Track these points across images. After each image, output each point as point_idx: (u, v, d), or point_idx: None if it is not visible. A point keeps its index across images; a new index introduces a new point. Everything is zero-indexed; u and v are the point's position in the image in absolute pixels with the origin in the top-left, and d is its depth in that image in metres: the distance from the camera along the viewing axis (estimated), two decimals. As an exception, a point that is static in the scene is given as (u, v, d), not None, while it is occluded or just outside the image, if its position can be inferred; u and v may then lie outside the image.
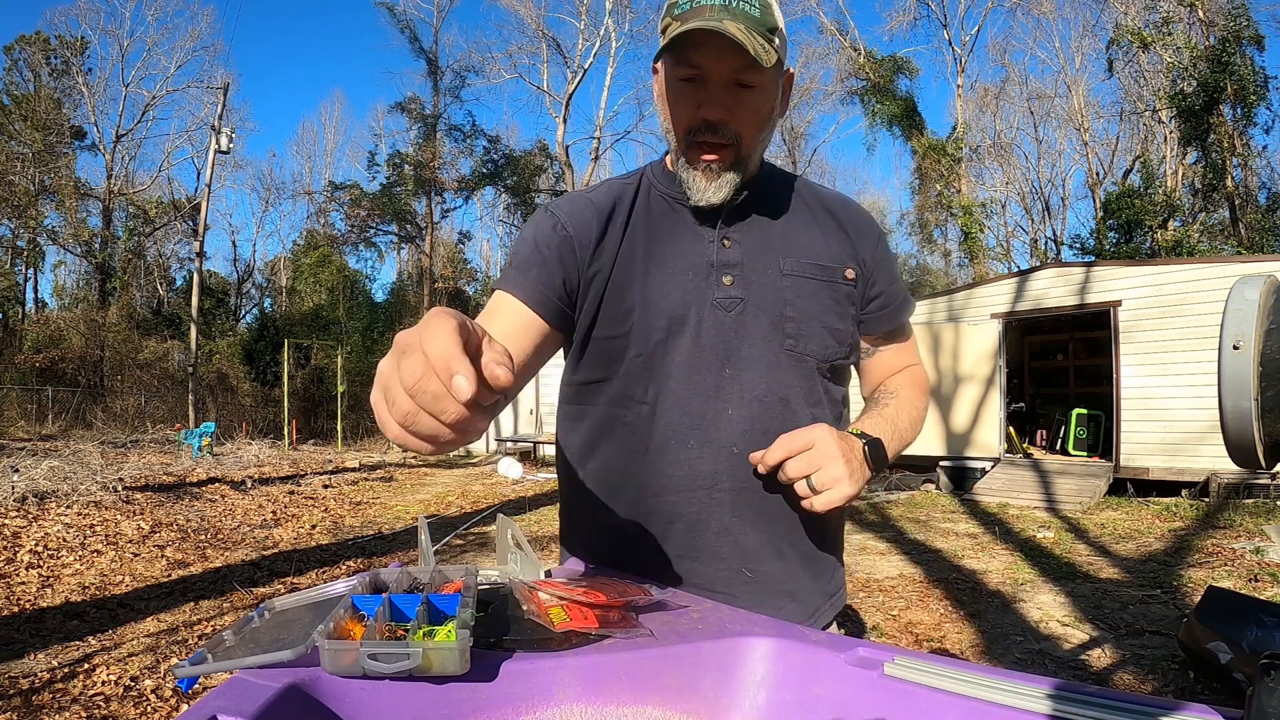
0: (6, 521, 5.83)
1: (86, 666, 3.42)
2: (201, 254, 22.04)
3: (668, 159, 1.06)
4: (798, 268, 1.02)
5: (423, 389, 0.46)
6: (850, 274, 1.05)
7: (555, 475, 12.66)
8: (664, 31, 0.93)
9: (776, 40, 0.91)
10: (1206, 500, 8.17)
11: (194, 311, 21.52)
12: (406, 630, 0.64)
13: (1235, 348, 0.78)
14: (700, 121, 0.94)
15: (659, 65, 0.98)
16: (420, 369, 0.46)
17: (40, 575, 4.94)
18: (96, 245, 26.30)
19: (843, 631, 1.10)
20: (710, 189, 0.97)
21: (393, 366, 0.49)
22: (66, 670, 3.38)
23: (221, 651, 0.63)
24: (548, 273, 0.99)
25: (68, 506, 6.55)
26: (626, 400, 1.01)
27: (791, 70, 1.02)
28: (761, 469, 0.93)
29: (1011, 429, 11.01)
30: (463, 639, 0.60)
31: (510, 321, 0.97)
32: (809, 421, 0.99)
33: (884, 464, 0.96)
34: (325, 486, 10.11)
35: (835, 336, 1.03)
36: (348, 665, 0.58)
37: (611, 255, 1.01)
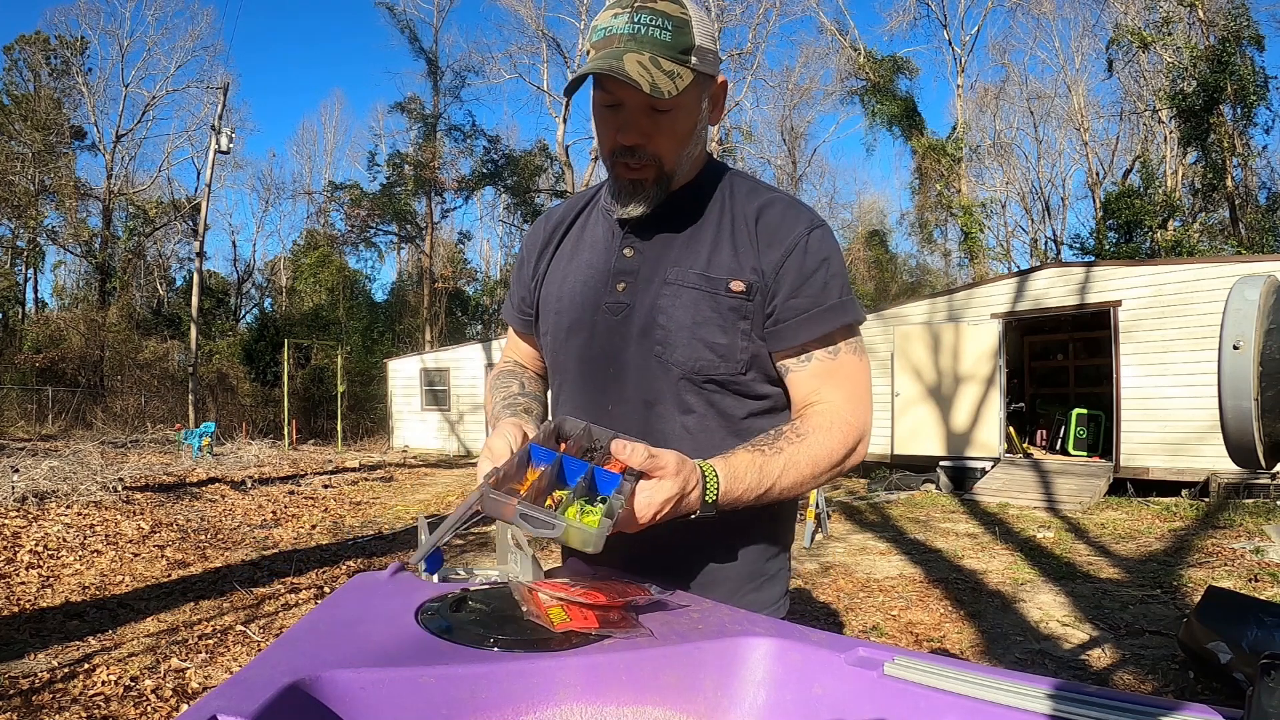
0: (6, 521, 5.83)
1: (86, 666, 3.42)
2: (201, 254, 22.04)
3: None
4: (681, 277, 1.02)
5: None
6: (737, 286, 1.00)
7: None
8: (587, 56, 0.98)
9: (694, 59, 0.94)
10: (1206, 500, 8.17)
11: (194, 311, 21.51)
12: (565, 496, 0.75)
13: (1235, 348, 0.78)
14: (620, 145, 0.99)
15: None
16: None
17: (40, 575, 4.94)
18: (96, 245, 26.30)
19: None
20: (631, 204, 1.02)
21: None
22: (66, 670, 3.38)
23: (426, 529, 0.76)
24: (518, 296, 1.20)
25: (68, 506, 6.55)
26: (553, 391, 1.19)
27: (724, 79, 1.04)
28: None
29: (1011, 429, 11.01)
30: (604, 526, 0.70)
31: (517, 348, 1.27)
32: (677, 427, 1.03)
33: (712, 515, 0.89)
34: (325, 486, 10.11)
35: (713, 350, 1.00)
36: (506, 515, 0.69)
37: (547, 264, 1.15)
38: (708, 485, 0.87)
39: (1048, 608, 4.53)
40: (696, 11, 0.96)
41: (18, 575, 4.88)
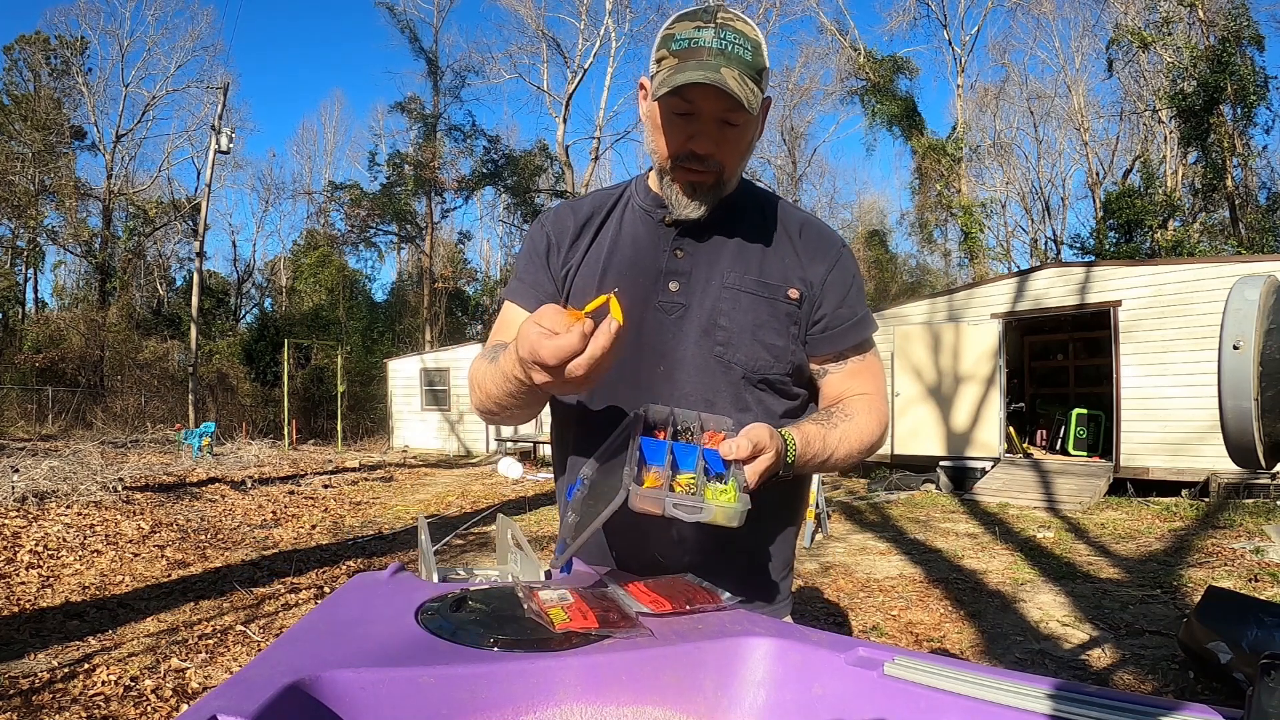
0: (6, 521, 5.83)
1: (86, 666, 3.42)
2: (201, 254, 22.03)
3: (651, 175, 1.14)
4: (739, 282, 1.08)
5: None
6: (794, 294, 1.09)
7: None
8: (659, 62, 0.99)
9: (762, 81, 1.00)
10: (1206, 500, 8.17)
11: (194, 311, 21.51)
12: (692, 480, 0.81)
13: (1235, 348, 0.78)
14: (688, 152, 1.02)
15: (647, 83, 1.04)
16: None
17: (40, 575, 4.94)
18: (96, 245, 26.29)
19: None
20: (691, 206, 1.06)
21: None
22: (66, 670, 3.38)
23: (571, 529, 0.80)
24: (542, 280, 1.15)
25: (68, 506, 6.55)
26: None
27: (770, 99, 1.09)
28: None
29: (1011, 429, 11.01)
30: (743, 501, 0.77)
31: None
32: (736, 425, 1.04)
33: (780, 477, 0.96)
34: (325, 486, 10.11)
35: (770, 351, 1.08)
36: (656, 510, 0.74)
37: (580, 257, 1.14)
38: (788, 449, 0.96)
39: (1048, 608, 4.53)
40: (762, 36, 1.02)
41: (18, 575, 4.88)
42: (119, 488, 7.54)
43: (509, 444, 15.59)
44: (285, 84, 54.44)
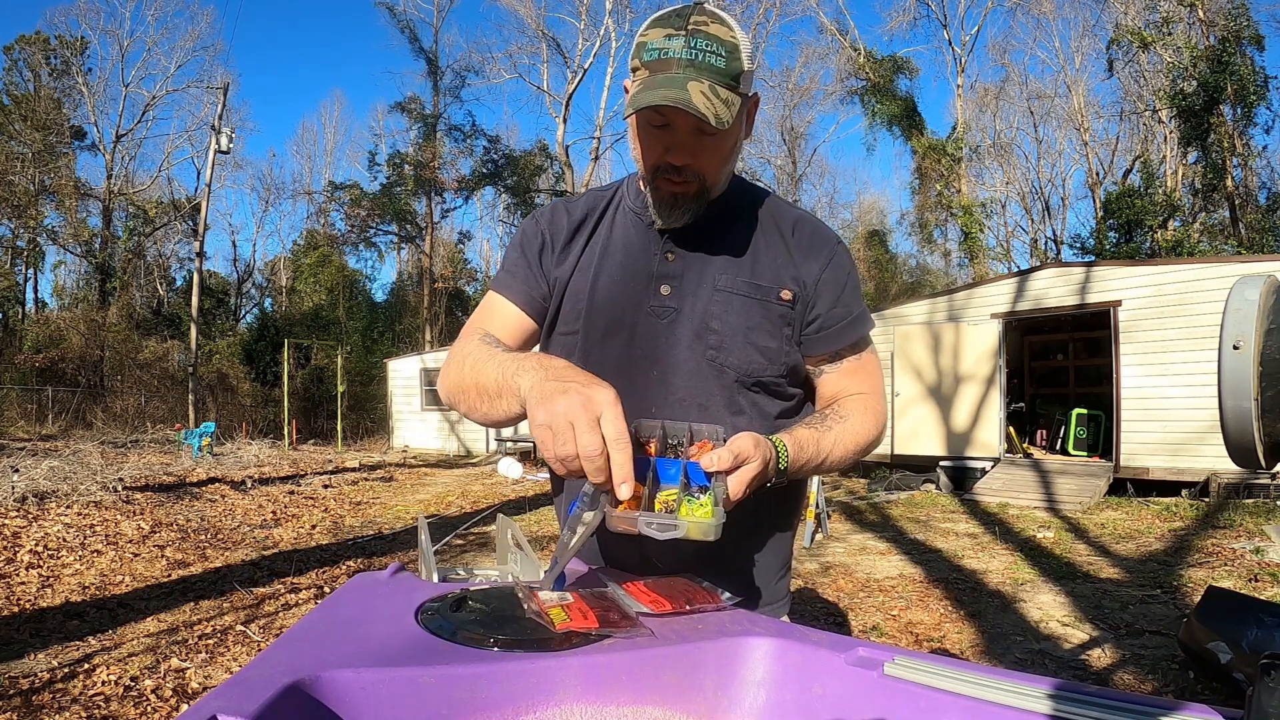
0: (6, 521, 5.83)
1: (86, 666, 3.42)
2: (201, 254, 22.03)
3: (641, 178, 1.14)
4: (731, 285, 1.07)
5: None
6: (787, 295, 1.07)
7: (555, 475, 13.01)
8: (634, 72, 0.98)
9: (741, 85, 0.96)
10: (1206, 500, 8.17)
11: (194, 311, 21.50)
12: (673, 497, 0.81)
13: (1235, 348, 0.78)
14: (666, 164, 1.01)
15: (630, 86, 1.03)
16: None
17: (40, 575, 4.94)
18: (96, 245, 26.29)
19: None
20: (673, 216, 1.05)
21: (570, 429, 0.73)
22: (66, 670, 3.38)
23: (563, 551, 0.82)
24: (532, 275, 1.13)
25: (68, 506, 6.55)
26: None
27: (757, 95, 1.08)
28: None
29: (1011, 429, 11.01)
30: (718, 515, 0.77)
31: (504, 321, 1.13)
32: (728, 427, 1.03)
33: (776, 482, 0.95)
34: (325, 486, 10.11)
35: (763, 354, 1.06)
36: (631, 530, 0.76)
37: (574, 260, 1.13)
38: (780, 456, 0.94)
39: (1048, 608, 4.53)
40: (741, 34, 0.98)
41: (18, 575, 4.88)
42: (119, 488, 7.54)
43: (509, 444, 15.59)
44: (285, 84, 54.49)
